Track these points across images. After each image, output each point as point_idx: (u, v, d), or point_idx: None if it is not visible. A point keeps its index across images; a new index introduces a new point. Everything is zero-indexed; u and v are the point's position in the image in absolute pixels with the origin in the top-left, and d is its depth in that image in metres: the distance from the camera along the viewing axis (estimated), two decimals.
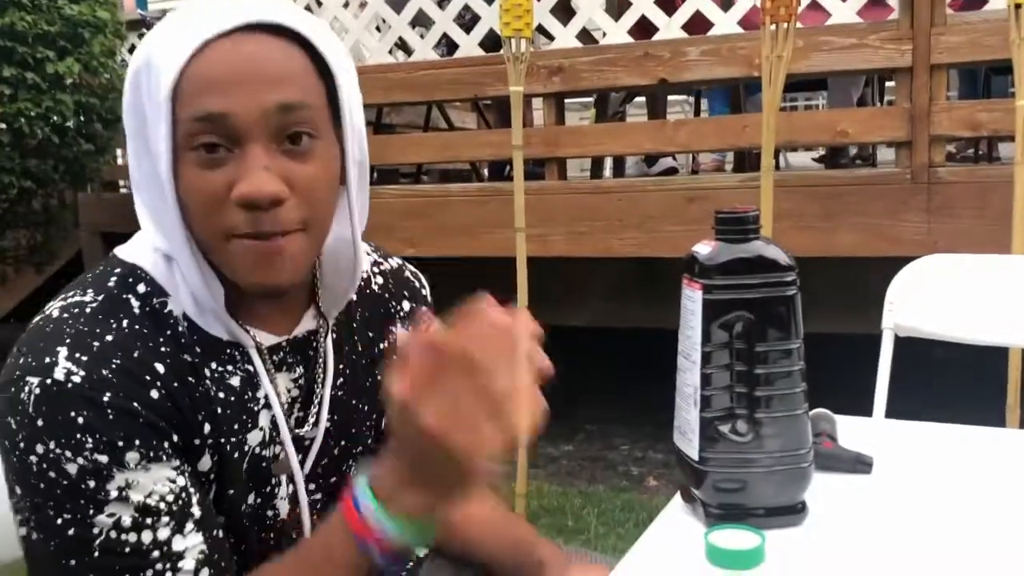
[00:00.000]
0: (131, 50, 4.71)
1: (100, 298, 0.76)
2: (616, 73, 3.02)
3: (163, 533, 0.72)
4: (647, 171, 4.18)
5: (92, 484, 0.70)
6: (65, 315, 0.75)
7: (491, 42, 3.32)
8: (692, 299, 0.85)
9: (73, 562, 0.71)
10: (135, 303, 0.77)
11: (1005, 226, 2.20)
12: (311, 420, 0.85)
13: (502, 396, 0.62)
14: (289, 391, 0.84)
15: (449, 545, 1.01)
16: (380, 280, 0.96)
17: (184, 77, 0.70)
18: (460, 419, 0.62)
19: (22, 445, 0.70)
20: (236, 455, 0.79)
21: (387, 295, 0.96)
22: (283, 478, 0.83)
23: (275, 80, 0.72)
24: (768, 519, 0.84)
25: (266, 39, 0.72)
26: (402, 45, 3.89)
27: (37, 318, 0.77)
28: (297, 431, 0.84)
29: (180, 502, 0.74)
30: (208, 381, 0.78)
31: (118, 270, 0.79)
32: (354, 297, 0.89)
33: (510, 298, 2.48)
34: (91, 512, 0.70)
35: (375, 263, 0.97)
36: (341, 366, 0.88)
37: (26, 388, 0.70)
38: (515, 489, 2.55)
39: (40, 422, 0.70)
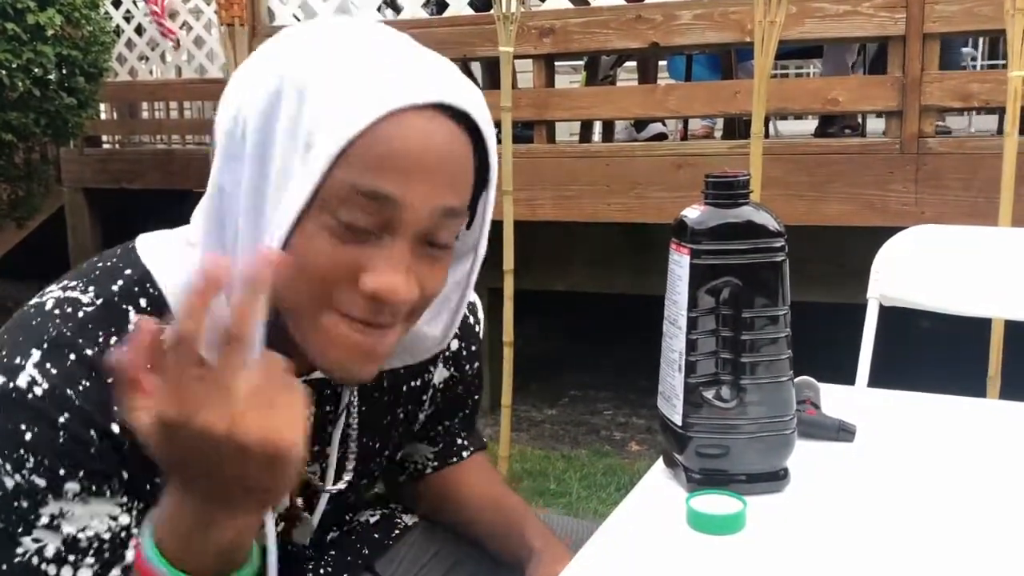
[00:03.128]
0: (115, 2, 4.63)
1: (98, 303, 0.70)
2: (607, 35, 2.99)
3: (84, 574, 0.67)
4: (636, 136, 4.16)
5: (24, 504, 0.66)
6: (56, 311, 0.69)
7: (481, 1, 3.27)
8: (679, 264, 0.84)
9: (4, 566, 0.67)
10: (133, 318, 0.70)
11: (993, 198, 2.21)
12: (320, 467, 0.82)
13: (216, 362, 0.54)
14: None
15: (441, 516, 1.00)
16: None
17: (365, 137, 0.61)
18: (188, 398, 0.54)
19: None
20: None
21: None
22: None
23: (453, 178, 0.65)
24: (750, 485, 0.84)
25: (448, 122, 0.64)
26: (391, 3, 3.83)
27: (32, 301, 0.71)
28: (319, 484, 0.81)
29: (115, 542, 0.69)
30: None
31: (128, 272, 0.72)
32: None
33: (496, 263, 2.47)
34: (19, 530, 0.66)
35: None
36: (357, 403, 0.83)
37: None
38: (498, 452, 2.56)
39: None
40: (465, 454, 1.02)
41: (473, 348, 0.94)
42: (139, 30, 4.75)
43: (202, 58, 4.64)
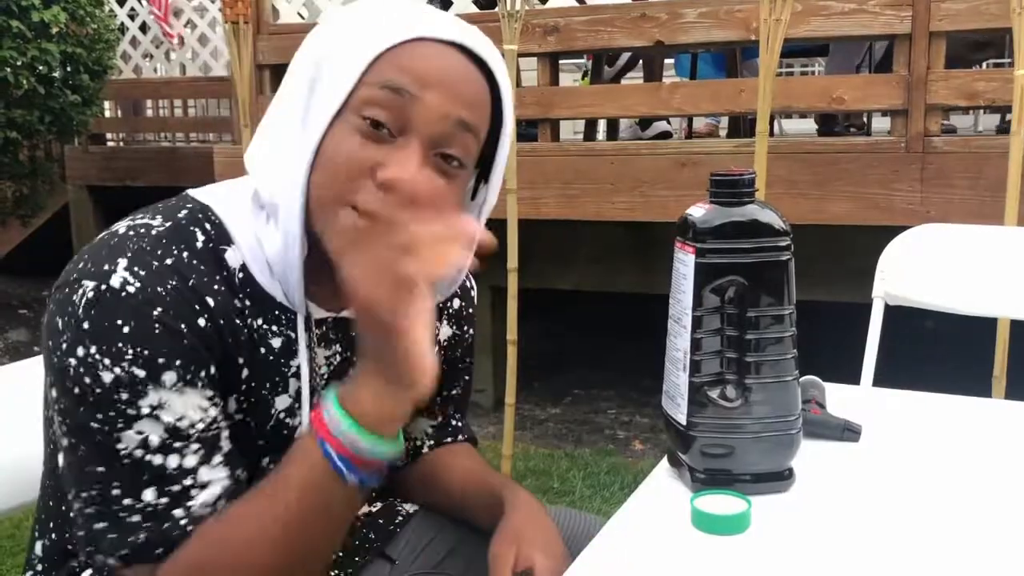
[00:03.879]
0: (120, 0, 4.63)
1: (168, 225, 0.77)
2: (612, 34, 2.98)
3: (190, 460, 0.73)
4: (641, 135, 4.15)
5: (125, 396, 0.70)
6: (131, 232, 0.75)
7: None
8: (684, 262, 0.83)
9: (100, 469, 0.72)
10: (200, 237, 0.77)
11: (998, 197, 2.20)
12: None
13: (418, 238, 0.66)
14: (321, 366, 0.85)
15: (432, 499, 1.03)
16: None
17: (392, 52, 0.73)
18: (378, 270, 0.66)
19: (64, 346, 0.71)
20: (263, 410, 0.80)
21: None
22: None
23: (467, 98, 0.75)
24: (755, 485, 0.84)
25: (468, 60, 0.76)
26: None
27: (102, 234, 0.77)
28: None
29: (211, 432, 0.74)
30: (254, 333, 0.78)
31: (190, 205, 0.80)
32: None
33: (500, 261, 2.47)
34: (120, 425, 0.71)
35: None
36: None
37: (80, 291, 0.71)
38: (502, 451, 2.55)
39: (86, 324, 0.70)
40: (460, 437, 1.05)
41: (471, 310, 1.00)
42: (143, 28, 4.75)
43: (206, 56, 4.65)
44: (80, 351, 0.70)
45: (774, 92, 2.25)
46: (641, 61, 4.17)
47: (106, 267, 0.72)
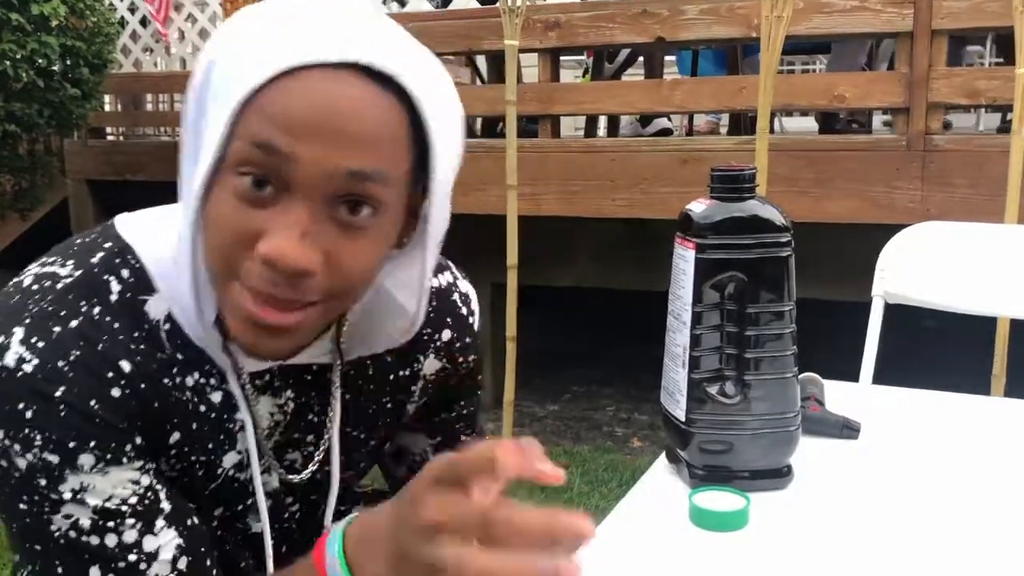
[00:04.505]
0: None
1: (77, 274, 0.68)
2: (613, 30, 2.98)
3: (130, 536, 0.67)
4: (641, 131, 4.15)
5: (43, 483, 0.64)
6: (35, 287, 0.68)
7: None
8: (684, 258, 0.83)
9: (39, 547, 0.67)
10: (115, 287, 0.69)
11: (999, 196, 2.20)
12: (307, 455, 0.79)
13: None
14: (272, 415, 0.77)
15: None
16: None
17: (262, 94, 0.60)
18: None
19: None
20: (207, 470, 0.74)
21: (425, 320, 0.83)
22: (261, 498, 0.76)
23: (358, 141, 0.61)
24: (753, 482, 0.84)
25: (365, 84, 0.61)
26: None
27: (11, 282, 0.70)
28: (291, 476, 0.79)
29: (146, 501, 0.68)
30: (188, 391, 0.71)
31: (108, 245, 0.71)
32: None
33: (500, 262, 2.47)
34: (47, 509, 0.65)
35: None
36: (342, 391, 0.80)
37: None
38: None
39: None
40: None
41: (467, 340, 0.90)
42: (144, 22, 4.75)
43: None
44: None
45: (775, 90, 2.25)
46: (642, 58, 4.16)
47: (1, 339, 0.64)
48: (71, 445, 0.64)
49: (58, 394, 0.64)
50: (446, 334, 0.87)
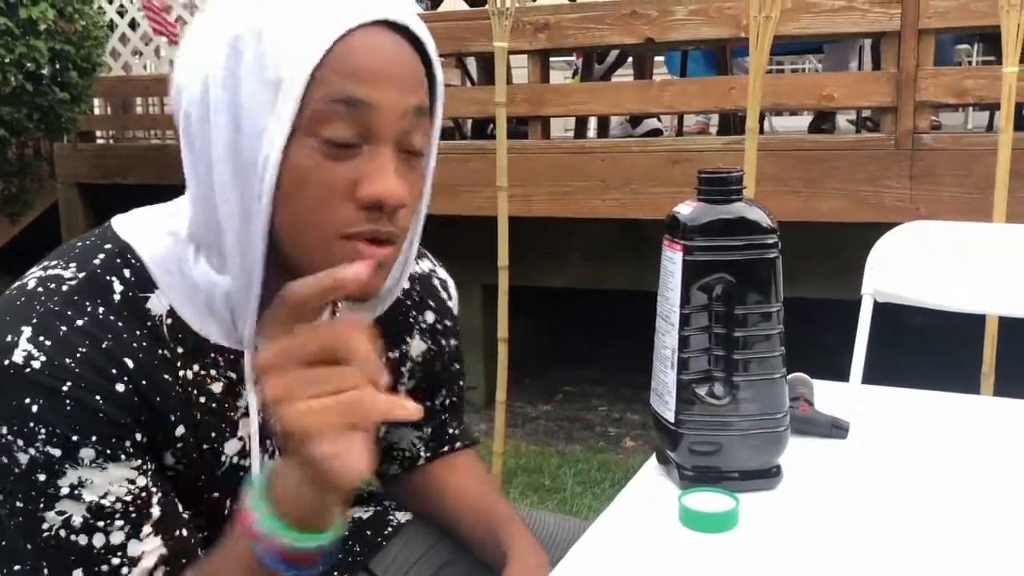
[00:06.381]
0: None
1: (81, 276, 0.71)
2: (602, 31, 2.98)
3: (116, 537, 0.69)
4: (631, 132, 4.16)
5: (43, 478, 0.66)
6: (40, 289, 0.70)
7: None
8: (672, 260, 0.84)
9: (29, 546, 0.68)
10: (118, 287, 0.71)
11: (987, 194, 2.20)
12: None
13: (367, 395, 0.59)
14: None
15: (430, 515, 0.99)
16: (406, 284, 0.87)
17: (331, 55, 0.65)
18: (323, 422, 0.58)
19: None
20: (211, 460, 0.76)
21: (409, 303, 0.90)
22: None
23: (414, 82, 0.70)
24: (743, 482, 0.84)
25: (396, 36, 0.69)
26: None
27: (13, 286, 0.72)
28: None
29: (138, 503, 0.70)
30: (189, 384, 0.74)
31: (108, 246, 0.73)
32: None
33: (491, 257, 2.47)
34: (41, 506, 0.67)
35: None
36: None
37: None
38: (493, 448, 2.55)
39: None
40: (457, 445, 1.01)
41: (448, 323, 0.95)
42: (133, 25, 4.73)
43: None
44: None
45: (764, 90, 2.26)
46: (631, 58, 4.17)
47: (9, 338, 0.67)
48: (74, 439, 0.66)
49: (65, 388, 0.66)
50: (429, 316, 0.93)
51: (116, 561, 0.69)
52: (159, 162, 4.52)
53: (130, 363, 0.69)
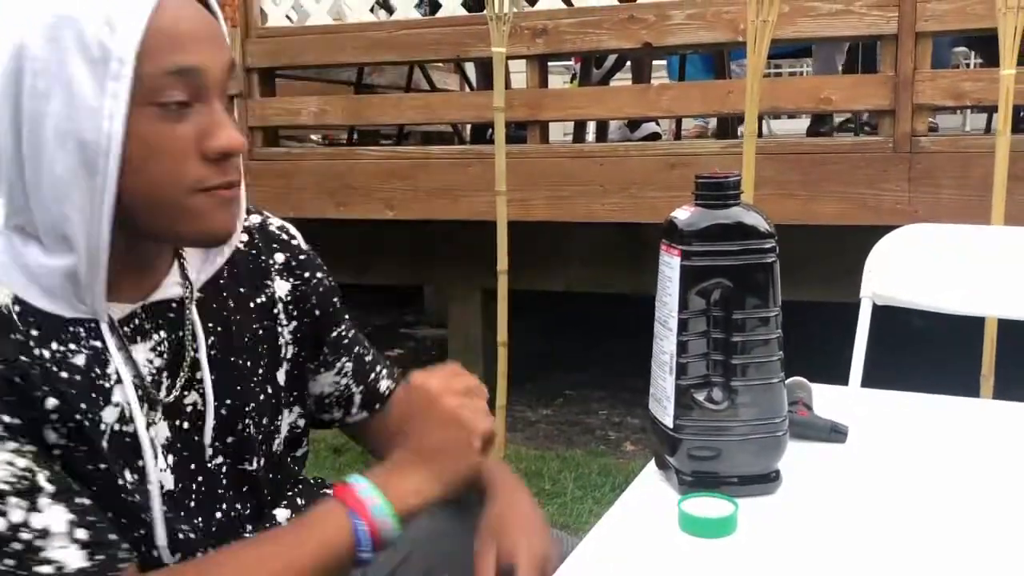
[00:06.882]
0: None
1: None
2: (600, 36, 2.98)
3: (16, 515, 0.70)
4: (630, 136, 4.16)
5: None
6: None
7: (474, 2, 3.26)
8: (670, 265, 0.84)
9: None
10: None
11: (986, 197, 2.21)
12: (180, 385, 0.83)
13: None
14: (151, 361, 0.82)
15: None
16: (245, 237, 0.93)
17: (152, 29, 0.71)
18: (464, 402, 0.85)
19: None
20: (91, 431, 0.76)
21: (255, 251, 0.94)
22: (158, 450, 0.81)
23: (223, 39, 0.77)
24: (742, 487, 0.84)
25: (194, 1, 0.76)
26: (384, 3, 3.83)
27: None
28: (167, 398, 0.83)
29: (25, 482, 0.71)
30: (48, 362, 0.74)
31: None
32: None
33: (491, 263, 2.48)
34: None
35: None
36: (212, 325, 0.86)
37: None
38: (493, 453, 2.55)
39: None
40: (383, 372, 1.03)
41: (302, 258, 0.97)
42: None
43: None
44: None
45: (762, 93, 2.26)
46: (629, 63, 4.18)
47: None
48: None
49: None
50: (279, 257, 0.96)
51: (27, 536, 0.70)
52: None
53: None
